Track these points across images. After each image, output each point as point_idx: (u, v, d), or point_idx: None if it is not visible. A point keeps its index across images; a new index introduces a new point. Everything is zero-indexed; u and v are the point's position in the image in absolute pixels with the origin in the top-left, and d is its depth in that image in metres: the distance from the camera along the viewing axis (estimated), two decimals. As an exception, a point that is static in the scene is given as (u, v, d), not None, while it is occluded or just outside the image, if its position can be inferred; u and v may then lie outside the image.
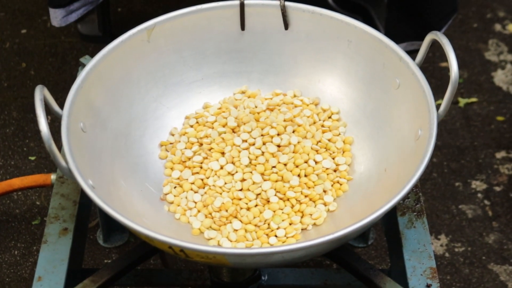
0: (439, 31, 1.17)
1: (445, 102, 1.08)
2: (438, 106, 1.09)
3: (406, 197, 1.19)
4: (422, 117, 1.08)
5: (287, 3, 1.19)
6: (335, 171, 1.16)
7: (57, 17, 1.34)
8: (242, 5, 1.20)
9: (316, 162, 1.16)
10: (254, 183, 1.13)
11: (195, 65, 1.12)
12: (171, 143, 1.19)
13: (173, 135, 1.21)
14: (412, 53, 1.24)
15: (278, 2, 1.19)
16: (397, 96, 1.15)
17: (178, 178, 1.16)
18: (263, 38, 1.22)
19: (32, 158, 1.67)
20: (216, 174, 1.14)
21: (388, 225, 1.24)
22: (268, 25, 1.21)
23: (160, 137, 1.21)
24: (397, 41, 1.38)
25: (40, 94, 1.01)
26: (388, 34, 1.15)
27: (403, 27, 1.11)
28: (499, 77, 1.86)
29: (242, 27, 1.21)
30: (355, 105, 1.21)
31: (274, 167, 1.14)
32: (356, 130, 1.20)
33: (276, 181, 1.13)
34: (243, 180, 1.14)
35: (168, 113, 1.22)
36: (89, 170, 1.05)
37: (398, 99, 1.15)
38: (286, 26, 1.21)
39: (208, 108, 1.23)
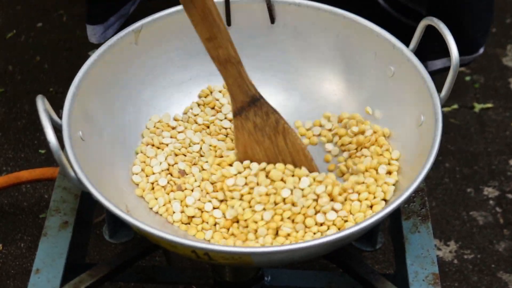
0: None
1: (446, 85, 1.08)
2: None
3: (411, 200, 1.18)
4: (422, 103, 1.08)
5: None
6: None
7: (95, 33, 1.33)
8: (227, 1, 1.19)
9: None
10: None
11: (183, 66, 1.11)
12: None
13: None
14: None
15: None
16: (392, 84, 1.15)
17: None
18: (250, 34, 1.21)
19: (42, 151, 1.68)
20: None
21: (393, 228, 1.23)
22: (254, 20, 1.20)
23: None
24: (436, 56, 1.35)
25: (43, 104, 0.97)
26: (427, 47, 1.15)
27: (442, 42, 1.10)
28: (516, 83, 1.84)
29: (228, 22, 1.19)
30: (347, 95, 1.20)
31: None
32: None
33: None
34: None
35: (160, 116, 1.20)
36: (92, 179, 1.02)
37: (394, 87, 1.15)
38: (273, 20, 1.20)
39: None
